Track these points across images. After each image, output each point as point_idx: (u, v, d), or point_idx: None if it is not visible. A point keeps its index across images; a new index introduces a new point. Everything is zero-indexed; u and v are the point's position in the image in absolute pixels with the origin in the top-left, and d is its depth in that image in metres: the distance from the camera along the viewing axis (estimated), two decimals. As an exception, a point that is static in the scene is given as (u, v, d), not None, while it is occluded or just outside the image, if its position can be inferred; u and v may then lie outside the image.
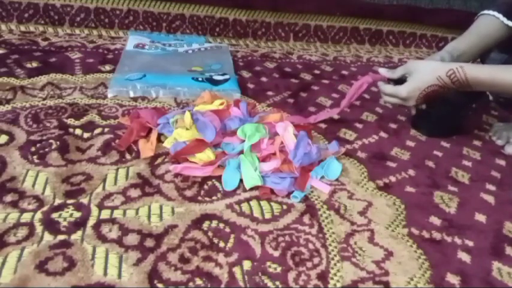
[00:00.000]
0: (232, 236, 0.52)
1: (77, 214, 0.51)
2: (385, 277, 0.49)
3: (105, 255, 0.46)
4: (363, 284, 0.48)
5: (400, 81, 0.73)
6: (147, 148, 0.64)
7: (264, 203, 0.58)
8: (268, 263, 0.48)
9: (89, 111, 0.72)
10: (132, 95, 0.79)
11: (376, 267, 0.50)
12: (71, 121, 0.69)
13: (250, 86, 0.92)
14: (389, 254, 0.52)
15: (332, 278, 0.48)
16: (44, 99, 0.74)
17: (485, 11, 0.79)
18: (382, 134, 0.81)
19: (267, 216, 0.56)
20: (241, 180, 0.60)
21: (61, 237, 0.48)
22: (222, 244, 0.50)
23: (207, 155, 0.62)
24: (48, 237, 0.47)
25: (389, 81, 0.76)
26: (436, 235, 0.57)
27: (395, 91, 0.72)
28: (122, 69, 0.85)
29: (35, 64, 0.86)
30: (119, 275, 0.44)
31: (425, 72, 0.70)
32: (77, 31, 1.07)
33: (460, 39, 0.80)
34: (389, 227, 0.57)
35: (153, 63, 0.90)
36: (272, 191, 0.59)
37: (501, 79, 0.66)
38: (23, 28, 1.03)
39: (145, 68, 0.86)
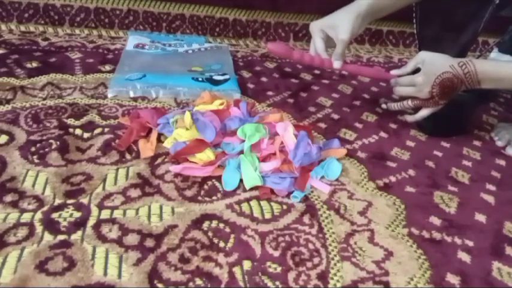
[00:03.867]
0: (232, 236, 0.52)
1: (77, 214, 0.51)
2: (385, 277, 0.49)
3: (105, 255, 0.46)
4: (363, 284, 0.48)
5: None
6: (147, 148, 0.64)
7: (264, 203, 0.58)
8: (268, 263, 0.48)
9: (89, 111, 0.72)
10: (132, 95, 0.79)
11: (376, 267, 0.50)
12: (71, 121, 0.69)
13: (250, 86, 0.92)
14: (389, 254, 0.52)
15: (332, 278, 0.48)
16: (44, 99, 0.74)
17: None
18: (382, 134, 0.81)
19: (267, 216, 0.56)
20: (241, 180, 0.60)
21: (61, 237, 0.48)
22: (222, 244, 0.50)
23: (207, 155, 0.62)
24: (48, 237, 0.47)
25: None
26: (436, 235, 0.57)
27: (411, 78, 0.73)
28: (122, 69, 0.85)
29: (35, 64, 0.86)
30: (119, 275, 0.44)
31: (438, 59, 0.71)
32: (77, 31, 1.07)
33: None
34: (389, 227, 0.57)
35: (153, 63, 0.90)
36: (272, 191, 0.59)
37: (509, 73, 0.68)
38: (23, 28, 1.03)
39: (145, 68, 0.86)
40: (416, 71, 0.74)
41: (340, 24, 0.72)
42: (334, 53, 0.74)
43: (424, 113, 0.75)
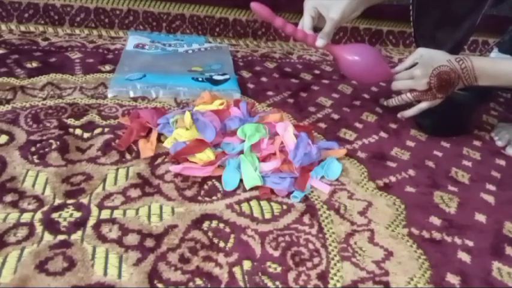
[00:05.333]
0: (232, 236, 0.52)
1: (77, 214, 0.51)
2: (385, 277, 0.49)
3: (105, 255, 0.46)
4: (363, 284, 0.48)
5: None
6: (147, 148, 0.64)
7: (264, 203, 0.58)
8: (268, 263, 0.49)
9: (89, 111, 0.72)
10: (132, 95, 0.79)
11: (376, 267, 0.50)
12: (71, 121, 0.69)
13: (250, 86, 0.92)
14: (389, 254, 0.52)
15: (332, 278, 0.48)
16: (44, 99, 0.74)
17: None
18: (382, 134, 0.81)
19: (267, 216, 0.56)
20: (241, 180, 0.60)
21: (61, 237, 0.48)
22: (222, 244, 0.50)
23: (207, 155, 0.62)
24: (48, 237, 0.47)
25: None
26: (436, 235, 0.57)
27: (409, 71, 0.74)
28: (122, 69, 0.85)
29: (35, 64, 0.86)
30: (119, 275, 0.44)
31: (436, 54, 0.73)
32: (77, 31, 1.07)
33: None
34: (389, 227, 0.57)
35: (153, 63, 0.90)
36: (272, 191, 0.59)
37: (505, 69, 0.69)
38: (23, 28, 1.03)
39: (145, 68, 0.86)
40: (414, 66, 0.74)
41: (333, 4, 0.71)
42: (322, 31, 0.73)
43: (422, 105, 0.75)
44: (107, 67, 0.90)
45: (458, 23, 0.92)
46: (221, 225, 0.53)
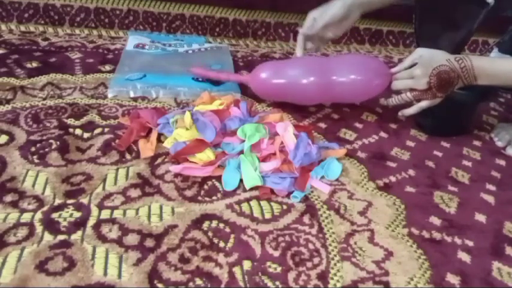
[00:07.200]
0: (232, 236, 0.52)
1: (77, 214, 0.51)
2: (385, 277, 0.49)
3: (105, 255, 0.46)
4: (363, 284, 0.48)
5: None
6: (147, 148, 0.64)
7: (264, 203, 0.58)
8: (268, 263, 0.49)
9: (89, 111, 0.72)
10: (132, 95, 0.79)
11: (376, 267, 0.50)
12: (71, 121, 0.69)
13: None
14: (389, 254, 0.52)
15: (332, 278, 0.48)
16: (44, 99, 0.74)
17: None
18: (382, 134, 0.81)
19: (267, 216, 0.56)
20: (241, 180, 0.60)
21: (61, 237, 0.48)
22: (222, 244, 0.50)
23: (207, 155, 0.62)
24: (48, 237, 0.47)
25: None
26: (436, 235, 0.57)
27: (409, 71, 0.75)
28: (122, 69, 0.85)
29: (35, 64, 0.86)
30: (119, 275, 0.44)
31: (436, 54, 0.73)
32: (77, 31, 1.07)
33: None
34: (389, 227, 0.57)
35: (153, 63, 0.90)
36: (272, 191, 0.59)
37: (504, 68, 0.70)
38: (23, 28, 1.03)
39: (145, 68, 0.86)
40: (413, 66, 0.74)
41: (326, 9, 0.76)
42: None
43: (422, 104, 0.75)
44: (107, 67, 0.89)
45: (457, 29, 0.93)
46: (221, 225, 0.53)
